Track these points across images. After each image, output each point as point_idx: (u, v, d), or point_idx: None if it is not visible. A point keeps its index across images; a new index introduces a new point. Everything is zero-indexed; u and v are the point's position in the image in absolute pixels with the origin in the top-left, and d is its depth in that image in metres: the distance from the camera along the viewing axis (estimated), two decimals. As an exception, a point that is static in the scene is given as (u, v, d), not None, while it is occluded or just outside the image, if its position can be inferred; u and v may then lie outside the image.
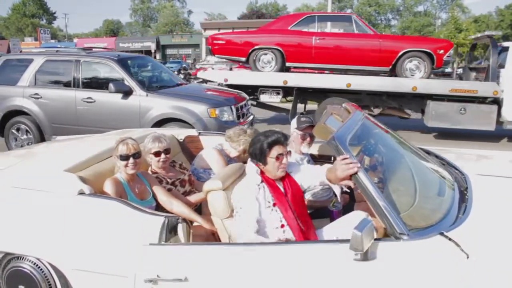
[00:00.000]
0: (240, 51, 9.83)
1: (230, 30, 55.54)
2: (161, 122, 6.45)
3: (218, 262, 2.16)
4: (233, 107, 6.79)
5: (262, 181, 2.54)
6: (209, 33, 54.35)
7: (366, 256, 1.86)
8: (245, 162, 2.96)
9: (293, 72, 10.21)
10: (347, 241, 1.89)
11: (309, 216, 2.68)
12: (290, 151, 2.64)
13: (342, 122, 2.44)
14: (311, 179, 2.69)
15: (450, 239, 1.96)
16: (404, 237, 1.95)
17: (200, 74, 10.69)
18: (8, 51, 61.62)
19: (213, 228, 2.72)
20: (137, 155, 2.84)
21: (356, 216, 2.46)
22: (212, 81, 10.07)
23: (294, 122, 3.52)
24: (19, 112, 7.28)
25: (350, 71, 9.70)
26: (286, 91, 9.87)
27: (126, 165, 2.80)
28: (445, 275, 1.86)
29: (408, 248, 1.92)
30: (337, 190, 3.08)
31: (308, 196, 3.29)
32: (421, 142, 8.29)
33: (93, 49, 7.84)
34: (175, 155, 3.69)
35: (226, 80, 9.75)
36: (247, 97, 8.14)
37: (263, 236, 2.39)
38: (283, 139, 2.54)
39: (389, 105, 9.53)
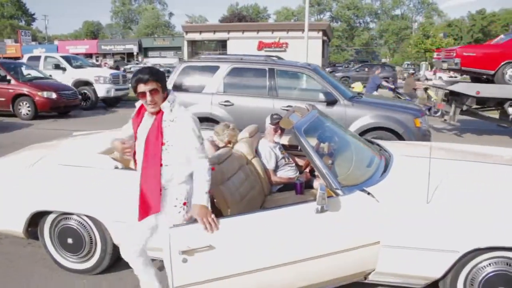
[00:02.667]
0: (490, 64, 9.80)
1: (212, 33, 55.49)
2: (366, 131, 6.58)
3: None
4: (426, 117, 6.96)
5: (137, 107, 2.86)
6: (191, 36, 54.90)
7: (323, 209, 2.85)
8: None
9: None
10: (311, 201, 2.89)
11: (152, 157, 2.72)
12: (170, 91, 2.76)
13: (300, 117, 3.48)
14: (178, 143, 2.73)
15: (368, 192, 3.02)
16: (338, 191, 2.99)
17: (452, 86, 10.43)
18: (-12, 53, 61.41)
19: None
20: None
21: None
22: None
23: (268, 119, 4.55)
24: (205, 119, 6.96)
25: None
26: None
27: None
28: (363, 213, 2.93)
29: (342, 197, 2.97)
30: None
31: (279, 174, 4.35)
32: None
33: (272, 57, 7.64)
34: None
35: (478, 92, 9.73)
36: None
37: None
38: (144, 79, 2.60)
39: None
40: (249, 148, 4.21)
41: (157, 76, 2.64)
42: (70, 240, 3.65)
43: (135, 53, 53.39)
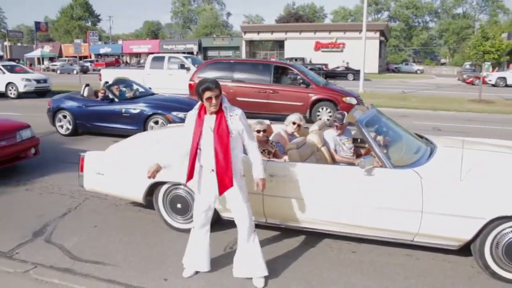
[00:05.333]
0: None
1: (270, 33, 55.92)
2: None
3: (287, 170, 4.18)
4: None
5: (197, 110, 3.56)
6: (249, 36, 56.04)
7: (369, 173, 3.84)
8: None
9: None
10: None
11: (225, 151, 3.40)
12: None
13: (362, 113, 4.40)
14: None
15: (415, 171, 3.91)
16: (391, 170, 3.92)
17: None
18: (60, 53, 65.62)
19: None
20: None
21: None
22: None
23: (333, 115, 5.48)
24: None
25: None
26: None
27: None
28: (410, 185, 3.83)
29: (394, 172, 3.90)
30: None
31: (342, 154, 5.29)
32: None
33: None
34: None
35: None
36: None
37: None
38: (211, 87, 3.34)
39: None
40: (318, 138, 5.19)
41: (219, 85, 3.44)
42: (179, 205, 4.72)
43: (195, 52, 55.28)
